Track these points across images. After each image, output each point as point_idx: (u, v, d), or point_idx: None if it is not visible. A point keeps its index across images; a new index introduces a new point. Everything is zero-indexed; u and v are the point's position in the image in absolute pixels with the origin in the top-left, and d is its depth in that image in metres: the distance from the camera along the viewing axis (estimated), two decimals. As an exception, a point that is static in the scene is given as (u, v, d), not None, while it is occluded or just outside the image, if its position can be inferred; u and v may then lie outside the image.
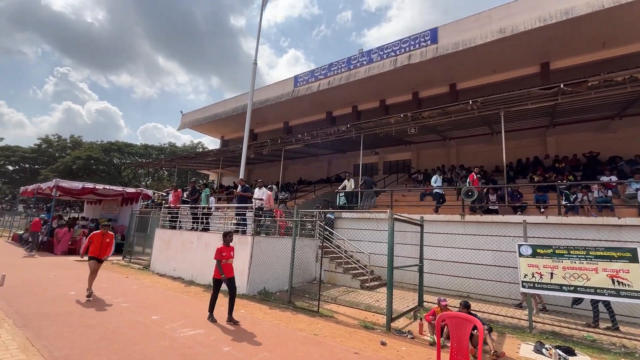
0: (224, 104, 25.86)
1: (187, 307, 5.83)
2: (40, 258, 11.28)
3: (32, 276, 7.77)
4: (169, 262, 9.82)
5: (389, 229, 5.78)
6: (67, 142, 44.79)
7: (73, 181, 14.52)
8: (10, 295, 5.77)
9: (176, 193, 10.27)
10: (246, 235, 8.04)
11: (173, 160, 22.37)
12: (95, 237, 6.51)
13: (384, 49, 17.13)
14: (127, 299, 6.00)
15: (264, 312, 6.13)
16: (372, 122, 12.57)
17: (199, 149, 49.00)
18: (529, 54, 14.86)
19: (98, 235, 6.52)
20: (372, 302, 7.53)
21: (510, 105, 10.24)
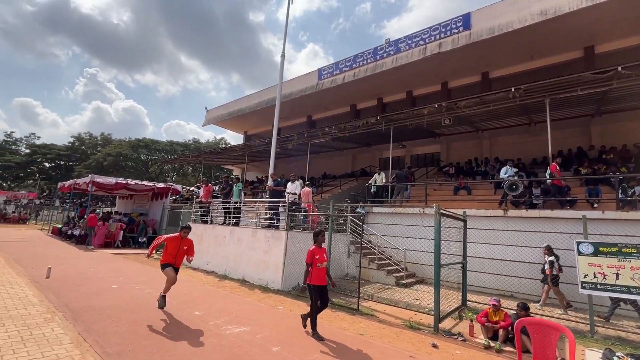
0: (248, 99, 25.94)
1: (227, 303, 5.75)
2: (79, 251, 11.68)
3: (74, 269, 7.99)
4: (201, 256, 9.87)
5: (435, 225, 5.44)
6: (98, 139, 46.68)
7: (107, 177, 14.95)
8: (57, 288, 5.90)
9: (207, 188, 10.30)
10: (280, 230, 7.90)
11: (199, 156, 22.71)
12: (171, 242, 5.47)
13: (412, 38, 16.48)
14: (169, 294, 5.98)
15: (302, 309, 5.95)
16: (403, 114, 12.10)
17: (222, 145, 49.75)
18: (572, 38, 13.83)
19: (174, 241, 5.50)
20: (411, 300, 7.23)
21: (557, 92, 9.51)
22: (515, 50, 15.00)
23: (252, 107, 25.14)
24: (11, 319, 4.10)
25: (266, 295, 6.85)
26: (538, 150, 15.32)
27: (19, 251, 10.42)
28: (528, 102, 10.28)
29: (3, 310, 4.42)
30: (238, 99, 27.28)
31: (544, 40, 14.01)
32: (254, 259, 8.26)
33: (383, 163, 21.76)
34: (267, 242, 8.02)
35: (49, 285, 6.10)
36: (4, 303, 4.76)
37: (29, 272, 7.21)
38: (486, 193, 11.99)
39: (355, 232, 10.37)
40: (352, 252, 9.86)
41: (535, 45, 14.51)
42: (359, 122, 13.58)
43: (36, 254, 10.08)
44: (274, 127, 10.99)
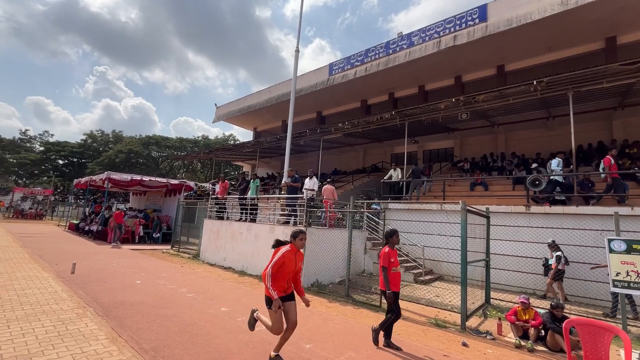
0: (258, 95, 25.91)
1: (251, 299, 5.75)
2: (98, 247, 11.86)
3: (96, 264, 8.11)
4: (218, 252, 9.94)
5: (462, 222, 5.33)
6: (110, 136, 47.31)
7: (122, 173, 15.13)
8: (83, 283, 5.98)
9: (224, 184, 10.32)
10: (298, 226, 7.87)
11: (211, 152, 22.83)
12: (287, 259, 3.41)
13: (426, 31, 16.19)
14: (191, 289, 6.03)
15: (325, 305, 5.94)
16: (419, 109, 11.92)
17: (231, 141, 49.99)
18: (593, 28, 13.39)
19: (289, 254, 3.46)
20: (432, 298, 7.16)
21: (581, 85, 9.23)
22: (532, 42, 14.62)
23: (262, 104, 25.10)
24: (45, 314, 4.16)
25: (287, 291, 6.84)
26: (555, 144, 14.99)
27: (40, 246, 10.63)
28: (550, 96, 10.01)
29: (36, 306, 4.49)
30: (248, 95, 27.29)
31: (563, 31, 13.62)
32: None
33: (395, 159, 21.57)
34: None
35: (75, 280, 6.19)
36: (36, 298, 4.83)
37: (54, 267, 7.34)
38: (504, 189, 11.78)
39: (371, 228, 10.31)
40: (369, 249, 9.81)
41: (553, 37, 14.12)
42: (373, 117, 13.43)
43: (57, 249, 10.26)
44: (288, 122, 10.94)
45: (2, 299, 4.67)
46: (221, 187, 10.36)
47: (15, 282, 5.77)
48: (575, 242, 7.36)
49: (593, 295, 6.96)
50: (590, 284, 7.02)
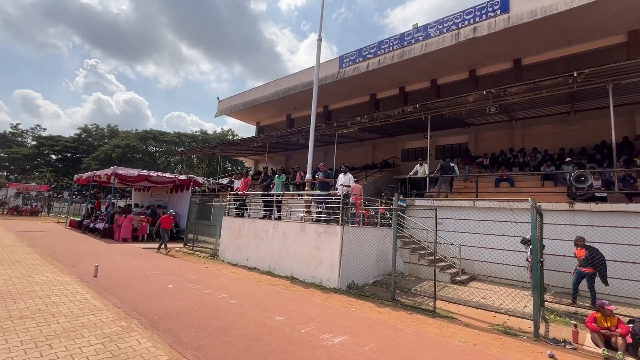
0: (263, 88, 25.24)
1: (299, 305, 5.26)
2: (108, 245, 11.26)
3: (116, 265, 7.56)
4: (240, 251, 9.43)
5: (532, 221, 4.92)
6: (105, 131, 46.06)
7: (129, 168, 14.46)
8: (112, 289, 5.45)
9: (245, 180, 9.78)
10: (333, 224, 7.41)
11: (216, 147, 22.17)
12: None
13: (443, 23, 15.73)
14: (231, 295, 5.53)
15: (376, 311, 5.51)
16: (445, 102, 11.48)
17: (230, 136, 49.12)
18: (616, 21, 13.07)
19: None
20: (480, 300, 6.79)
21: (622, 77, 8.89)
22: (553, 35, 14.26)
23: (268, 97, 24.46)
24: (86, 329, 3.64)
25: (327, 295, 6.40)
26: (574, 140, 14.75)
27: (48, 245, 10.00)
28: (586, 89, 9.64)
29: (72, 318, 3.96)
30: (252, 89, 26.60)
31: (585, 23, 13.27)
32: (303, 255, 7.80)
33: (405, 154, 21.20)
34: (319, 238, 7.54)
35: (102, 284, 5.65)
36: (68, 308, 4.30)
37: (72, 269, 6.77)
38: (532, 185, 11.46)
39: (400, 225, 9.90)
40: (400, 247, 9.39)
41: (575, 30, 13.76)
42: (394, 110, 12.97)
43: (67, 249, 9.66)
44: (312, 114, 10.37)
45: (31, 310, 4.13)
46: (243, 182, 9.82)
47: (37, 288, 5.21)
48: (625, 241, 7.07)
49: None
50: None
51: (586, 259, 6.56)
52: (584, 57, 14.90)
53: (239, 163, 49.85)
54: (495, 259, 8.08)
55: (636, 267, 6.96)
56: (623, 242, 7.15)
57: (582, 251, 6.72)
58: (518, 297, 7.01)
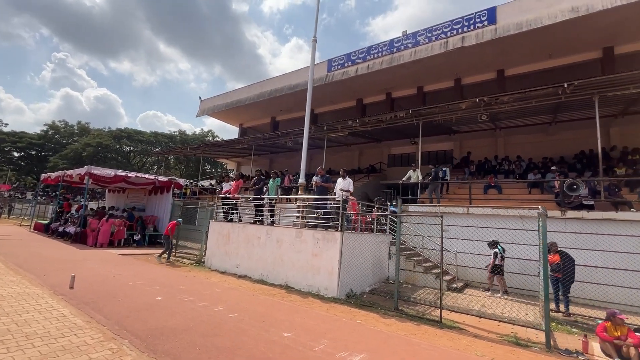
0: (248, 89, 24.67)
1: (303, 318, 4.90)
2: (80, 251, 10.37)
3: (94, 274, 6.87)
4: (229, 258, 8.93)
5: (542, 228, 4.87)
6: (75, 128, 43.47)
7: (105, 168, 13.50)
8: (93, 302, 4.86)
9: (237, 182, 9.30)
10: (332, 231, 7.13)
11: (198, 148, 21.34)
12: None
13: (432, 31, 15.98)
14: (228, 307, 5.09)
15: (382, 323, 5.26)
16: (437, 108, 11.54)
17: (210, 137, 47.80)
18: (594, 37, 13.73)
19: None
20: (480, 308, 6.71)
21: (608, 90, 9.25)
22: (535, 48, 14.80)
23: (253, 98, 23.91)
24: (69, 353, 3.13)
25: (328, 305, 6.09)
26: (554, 149, 15.34)
27: (12, 251, 9.03)
28: (574, 99, 9.97)
29: (49, 339, 3.41)
30: (236, 90, 25.96)
31: (566, 38, 13.85)
32: (299, 263, 7.45)
33: (392, 160, 21.32)
34: (317, 244, 7.23)
35: (80, 297, 5.04)
36: (43, 328, 3.73)
37: (44, 280, 6.05)
38: (519, 192, 11.71)
39: (393, 231, 9.76)
40: (394, 254, 9.23)
41: (556, 44, 14.34)
42: (386, 115, 12.95)
43: (35, 256, 8.75)
44: (305, 116, 10.10)
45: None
46: (234, 185, 9.32)
47: (3, 303, 4.55)
48: (617, 248, 7.24)
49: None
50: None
51: (559, 265, 6.64)
52: (562, 71, 15.56)
53: (219, 165, 48.57)
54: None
55: (626, 274, 7.13)
56: (613, 249, 7.34)
57: (556, 257, 6.79)
58: (515, 304, 6.99)
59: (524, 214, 7.96)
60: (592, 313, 6.40)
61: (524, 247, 7.64)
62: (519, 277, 7.85)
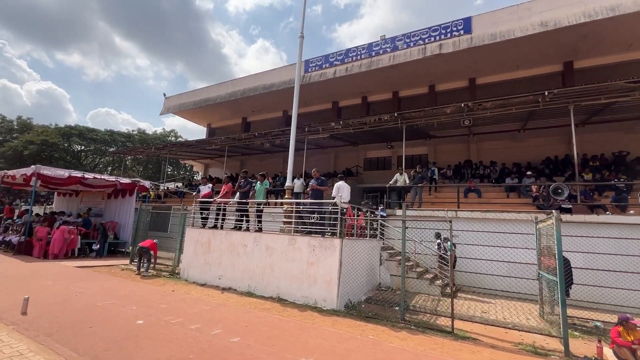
0: (218, 87, 23.50)
1: (317, 339, 4.30)
2: (27, 264, 8.88)
3: (50, 294, 5.73)
4: (210, 268, 8.08)
5: (557, 233, 4.81)
6: (14, 124, 38.71)
7: (57, 168, 11.85)
8: (57, 333, 3.91)
9: (227, 186, 8.45)
10: (330, 237, 6.65)
11: (164, 147, 19.78)
12: None
13: (411, 37, 16.22)
14: (226, 329, 4.38)
15: (395, 336, 4.88)
16: (423, 112, 11.57)
17: (172, 137, 45.08)
18: (557, 51, 14.71)
19: None
20: (481, 314, 6.59)
21: (582, 99, 9.79)
22: (505, 59, 15.54)
23: (224, 97, 22.80)
24: (38, 411, 2.34)
25: (331, 319, 5.60)
26: (522, 155, 16.16)
27: (-64, 269, 7.44)
28: (551, 107, 10.44)
29: (7, 391, 2.57)
30: (205, 87, 24.61)
31: (532, 51, 14.69)
32: (293, 273, 6.87)
33: (368, 163, 21.32)
34: (313, 252, 6.71)
35: (39, 326, 4.06)
36: (-6, 373, 2.84)
37: (-16, 304, 4.89)
38: (498, 196, 12.06)
39: (383, 236, 9.51)
40: (385, 260, 8.98)
41: (523, 56, 15.16)
42: (371, 118, 12.79)
43: (-33, 273, 7.27)
44: (292, 114, 9.55)
45: None
46: (223, 189, 8.45)
47: None
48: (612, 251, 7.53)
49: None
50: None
51: (555, 268, 6.79)
52: (527, 82, 16.52)
53: (182, 167, 45.93)
54: (479, 269, 8.12)
55: (608, 275, 7.45)
56: (594, 251, 7.65)
57: (552, 260, 6.93)
58: (511, 308, 6.99)
59: (520, 217, 8.05)
60: (585, 315, 6.53)
61: (518, 250, 7.75)
62: (510, 280, 7.93)
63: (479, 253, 8.28)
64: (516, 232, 7.71)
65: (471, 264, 8.67)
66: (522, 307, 7.12)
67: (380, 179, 19.32)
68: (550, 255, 6.63)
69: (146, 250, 8.71)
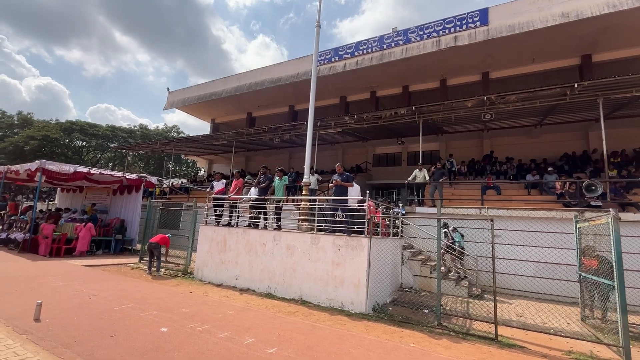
0: (224, 81, 23.04)
1: (361, 348, 3.91)
2: (33, 263, 8.52)
3: (61, 297, 5.36)
4: (226, 268, 7.72)
5: (614, 234, 4.42)
6: (15, 119, 38.22)
7: (62, 164, 11.44)
8: (74, 343, 3.53)
9: (238, 182, 8.06)
10: (359, 237, 6.28)
11: (170, 143, 19.35)
12: None
13: (424, 29, 15.76)
14: (258, 337, 4.00)
15: (437, 344, 4.51)
16: (442, 105, 11.13)
17: (174, 133, 44.62)
18: (575, 44, 14.25)
19: None
20: (514, 317, 6.24)
21: (613, 92, 9.37)
22: (521, 52, 15.08)
23: (229, 92, 22.35)
24: None
25: (362, 324, 5.24)
26: (536, 151, 15.77)
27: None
28: (579, 101, 10.02)
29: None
30: (211, 82, 24.15)
31: (550, 44, 14.23)
32: (317, 274, 6.50)
33: (377, 159, 20.93)
34: (339, 252, 6.34)
35: (55, 336, 3.69)
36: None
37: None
38: (518, 193, 11.67)
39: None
40: (407, 259, 8.61)
41: (541, 48, 14.69)
42: (386, 112, 12.35)
43: (-28, 273, 6.89)
44: (310, 107, 9.13)
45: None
46: (234, 185, 8.08)
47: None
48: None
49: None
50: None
51: (597, 270, 6.43)
52: (541, 76, 16.08)
53: (184, 163, 45.51)
54: (509, 270, 7.75)
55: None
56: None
57: (594, 261, 6.58)
58: (547, 311, 6.63)
59: (557, 216, 7.67)
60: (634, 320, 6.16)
61: (547, 250, 7.39)
62: (539, 281, 7.58)
63: (507, 252, 7.90)
64: (548, 230, 7.35)
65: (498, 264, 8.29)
66: (557, 309, 6.76)
67: (391, 176, 18.96)
68: (592, 257, 6.27)
69: (156, 246, 8.31)
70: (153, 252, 8.31)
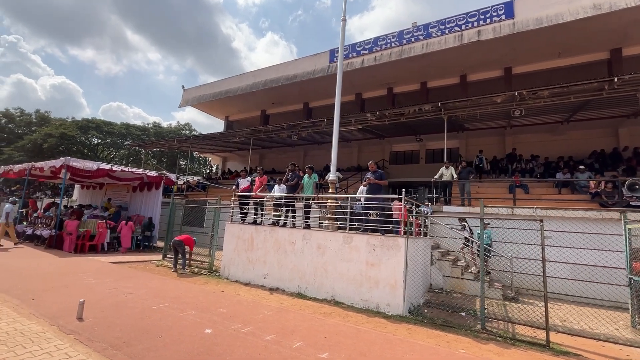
0: (239, 79, 22.98)
1: (413, 354, 3.81)
2: (61, 259, 8.57)
3: (97, 296, 5.31)
4: (253, 267, 7.62)
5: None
6: (32, 117, 38.95)
7: (85, 160, 11.52)
8: (125, 346, 3.44)
9: (262, 179, 7.95)
10: (395, 236, 6.09)
11: (187, 140, 19.40)
12: None
13: (446, 23, 15.37)
14: (308, 342, 3.85)
15: (487, 350, 4.32)
16: (469, 101, 10.81)
17: (186, 131, 44.88)
18: (605, 37, 13.69)
19: None
20: (558, 322, 5.98)
21: (655, 86, 8.93)
22: (546, 46, 14.57)
23: (245, 89, 22.26)
24: None
25: (403, 327, 5.07)
26: (561, 149, 15.25)
27: (-27, 264, 7.13)
28: (617, 96, 9.59)
29: None
30: (226, 79, 24.13)
31: (578, 37, 13.70)
32: (350, 274, 6.34)
33: (394, 157, 20.62)
34: (373, 252, 6.16)
35: (102, 336, 3.61)
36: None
37: (35, 306, 4.48)
38: (547, 192, 11.30)
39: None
40: (437, 259, 8.38)
41: (568, 42, 14.16)
42: (409, 108, 12.08)
43: (4, 268, 6.93)
44: (336, 102, 8.99)
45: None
46: (258, 182, 7.97)
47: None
48: None
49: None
50: None
51: None
52: (567, 71, 15.51)
53: (196, 160, 45.81)
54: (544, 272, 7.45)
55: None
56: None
57: None
58: (592, 316, 6.34)
59: (595, 216, 7.35)
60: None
61: (587, 252, 7.08)
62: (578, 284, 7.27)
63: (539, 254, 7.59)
64: (591, 232, 7.03)
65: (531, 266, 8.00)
66: (600, 314, 6.46)
67: (409, 174, 18.64)
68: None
69: (179, 243, 8.26)
70: (177, 249, 8.27)
